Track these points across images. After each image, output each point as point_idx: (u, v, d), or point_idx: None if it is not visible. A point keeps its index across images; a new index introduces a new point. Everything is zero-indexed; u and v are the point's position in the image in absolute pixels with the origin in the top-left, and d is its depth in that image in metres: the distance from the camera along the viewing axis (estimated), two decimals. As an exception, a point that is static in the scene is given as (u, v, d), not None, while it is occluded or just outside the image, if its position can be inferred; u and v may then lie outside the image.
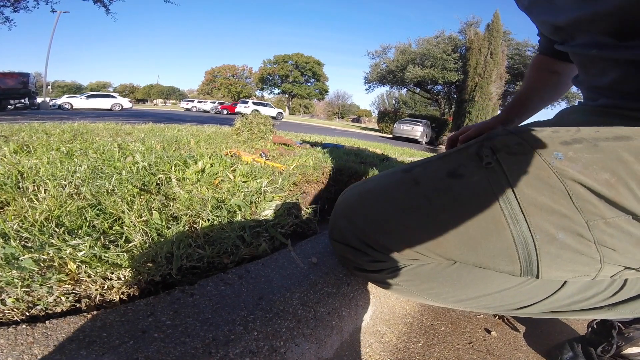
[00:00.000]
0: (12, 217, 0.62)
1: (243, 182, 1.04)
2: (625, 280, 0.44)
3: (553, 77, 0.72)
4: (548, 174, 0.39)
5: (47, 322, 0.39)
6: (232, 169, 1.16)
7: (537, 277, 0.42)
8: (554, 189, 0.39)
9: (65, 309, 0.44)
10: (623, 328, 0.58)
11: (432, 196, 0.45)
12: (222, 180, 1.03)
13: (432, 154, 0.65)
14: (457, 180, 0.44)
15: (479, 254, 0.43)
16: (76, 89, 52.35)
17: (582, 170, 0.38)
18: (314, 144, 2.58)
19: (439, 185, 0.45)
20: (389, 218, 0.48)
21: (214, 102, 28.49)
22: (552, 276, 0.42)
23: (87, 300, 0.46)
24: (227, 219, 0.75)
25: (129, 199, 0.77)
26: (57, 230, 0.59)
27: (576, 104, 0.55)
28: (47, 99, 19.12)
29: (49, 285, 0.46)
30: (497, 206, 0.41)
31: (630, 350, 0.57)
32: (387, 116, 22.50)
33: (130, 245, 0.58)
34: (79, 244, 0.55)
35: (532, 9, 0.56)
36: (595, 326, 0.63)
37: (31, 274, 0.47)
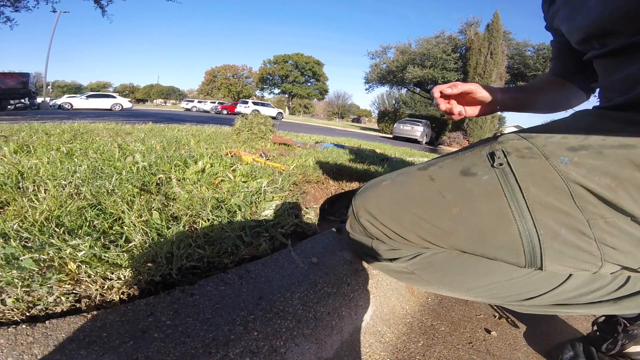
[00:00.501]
0: (12, 217, 0.62)
1: (243, 182, 1.04)
2: (629, 276, 0.46)
3: (560, 89, 0.71)
4: (553, 176, 0.42)
5: (47, 322, 0.39)
6: (232, 169, 1.16)
7: (541, 269, 0.45)
8: (558, 190, 0.42)
9: (65, 309, 0.44)
10: (628, 325, 0.58)
11: (446, 191, 0.49)
12: (222, 180, 1.03)
13: (432, 154, 0.67)
14: (470, 178, 0.48)
15: (486, 246, 0.46)
16: (76, 89, 52.29)
17: (586, 174, 0.41)
18: (314, 144, 2.58)
19: (452, 182, 0.49)
20: (405, 210, 0.52)
21: (214, 102, 28.42)
22: (555, 270, 0.45)
23: (87, 300, 0.46)
24: (227, 219, 0.75)
25: (129, 199, 0.77)
26: (57, 230, 0.59)
27: (590, 108, 0.56)
28: (47, 99, 19.09)
29: (49, 285, 0.46)
30: (505, 202, 0.44)
31: (633, 349, 0.57)
32: (387, 116, 22.47)
33: (130, 245, 0.58)
34: (79, 244, 0.55)
35: (568, 18, 0.56)
36: (600, 323, 0.63)
37: (31, 274, 0.47)
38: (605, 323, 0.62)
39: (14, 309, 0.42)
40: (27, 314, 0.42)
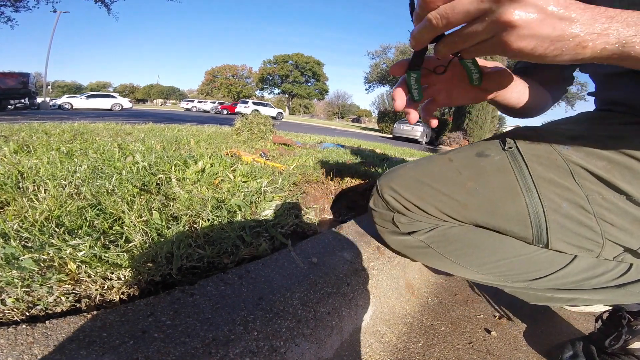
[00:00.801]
0: (12, 217, 0.62)
1: (243, 182, 1.04)
2: (631, 264, 0.48)
3: (541, 92, 0.68)
4: (555, 157, 0.48)
5: (47, 322, 0.39)
6: (232, 169, 1.16)
7: (547, 246, 0.49)
8: (560, 168, 0.48)
9: (65, 309, 0.44)
10: (632, 320, 0.58)
11: (462, 169, 0.55)
12: (222, 180, 1.03)
13: (432, 154, 0.69)
14: (483, 158, 0.55)
15: (497, 217, 0.51)
16: (76, 89, 52.32)
17: (584, 157, 0.47)
18: (314, 144, 2.58)
19: (468, 161, 0.56)
20: (426, 185, 0.57)
21: (214, 102, 28.42)
22: (560, 247, 0.48)
23: (87, 300, 0.46)
24: (227, 219, 0.75)
25: (129, 199, 0.77)
26: (57, 230, 0.59)
27: (592, 110, 0.61)
28: (47, 99, 19.09)
29: (49, 285, 0.46)
30: (514, 177, 0.50)
31: (636, 345, 0.57)
32: (387, 116, 22.44)
33: (130, 245, 0.58)
34: (79, 244, 0.55)
35: None
36: (604, 318, 0.63)
37: (31, 274, 0.47)
38: (610, 318, 0.62)
39: (14, 309, 0.42)
40: (27, 314, 0.42)
